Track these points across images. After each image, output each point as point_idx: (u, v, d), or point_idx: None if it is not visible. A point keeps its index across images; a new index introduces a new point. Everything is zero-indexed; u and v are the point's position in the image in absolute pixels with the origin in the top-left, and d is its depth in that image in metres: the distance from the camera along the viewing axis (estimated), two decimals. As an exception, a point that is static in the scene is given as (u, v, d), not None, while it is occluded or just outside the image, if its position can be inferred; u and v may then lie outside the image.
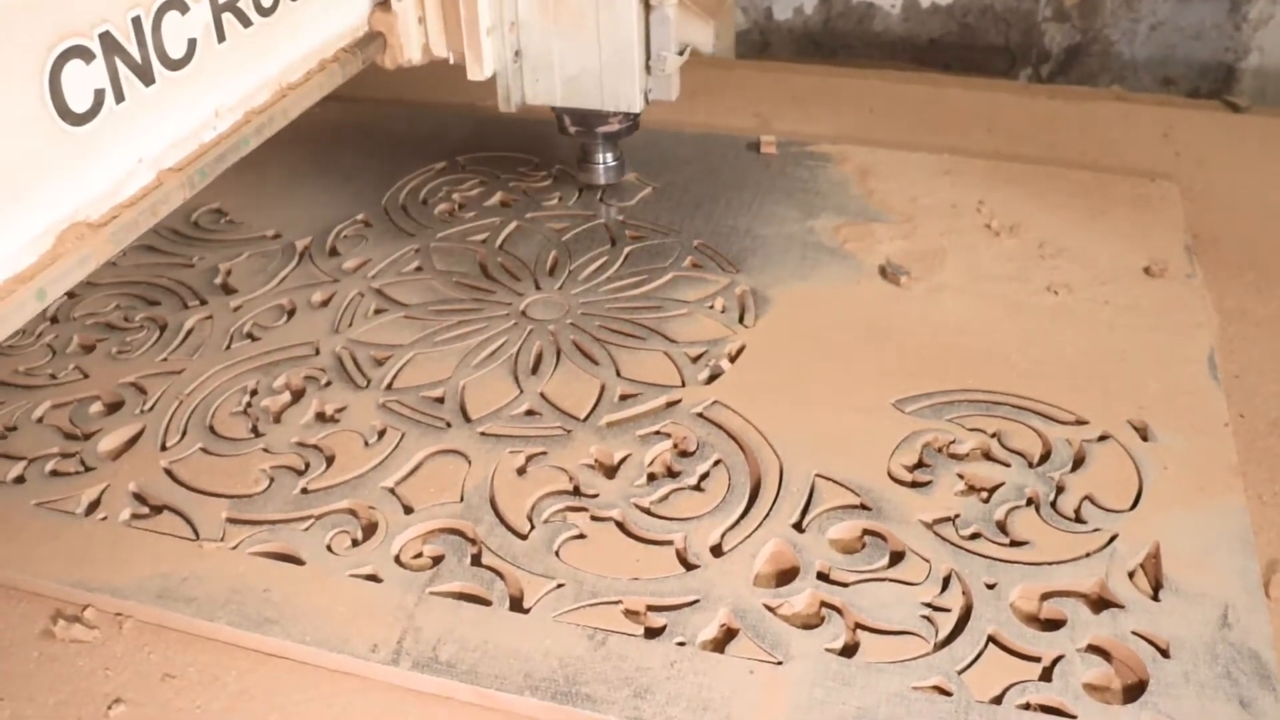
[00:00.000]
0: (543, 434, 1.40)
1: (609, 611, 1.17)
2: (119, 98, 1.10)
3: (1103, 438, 1.37)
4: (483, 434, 1.40)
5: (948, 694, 1.08)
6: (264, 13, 1.29)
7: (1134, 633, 1.13)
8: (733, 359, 1.52)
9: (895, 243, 1.76)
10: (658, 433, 1.39)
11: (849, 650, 1.13)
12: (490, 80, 1.62)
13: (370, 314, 1.63)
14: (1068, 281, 1.65)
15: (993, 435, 1.38)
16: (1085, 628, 1.14)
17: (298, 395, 1.48)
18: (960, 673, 1.10)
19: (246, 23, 1.27)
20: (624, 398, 1.45)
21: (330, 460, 1.37)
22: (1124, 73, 2.66)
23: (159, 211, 1.16)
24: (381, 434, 1.41)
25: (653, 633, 1.15)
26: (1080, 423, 1.40)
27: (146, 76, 1.13)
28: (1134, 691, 1.09)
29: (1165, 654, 1.12)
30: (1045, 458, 1.35)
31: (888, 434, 1.38)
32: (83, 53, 1.04)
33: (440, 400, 1.46)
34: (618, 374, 1.49)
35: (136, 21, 1.10)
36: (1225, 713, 1.06)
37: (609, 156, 1.85)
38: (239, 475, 1.36)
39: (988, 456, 1.35)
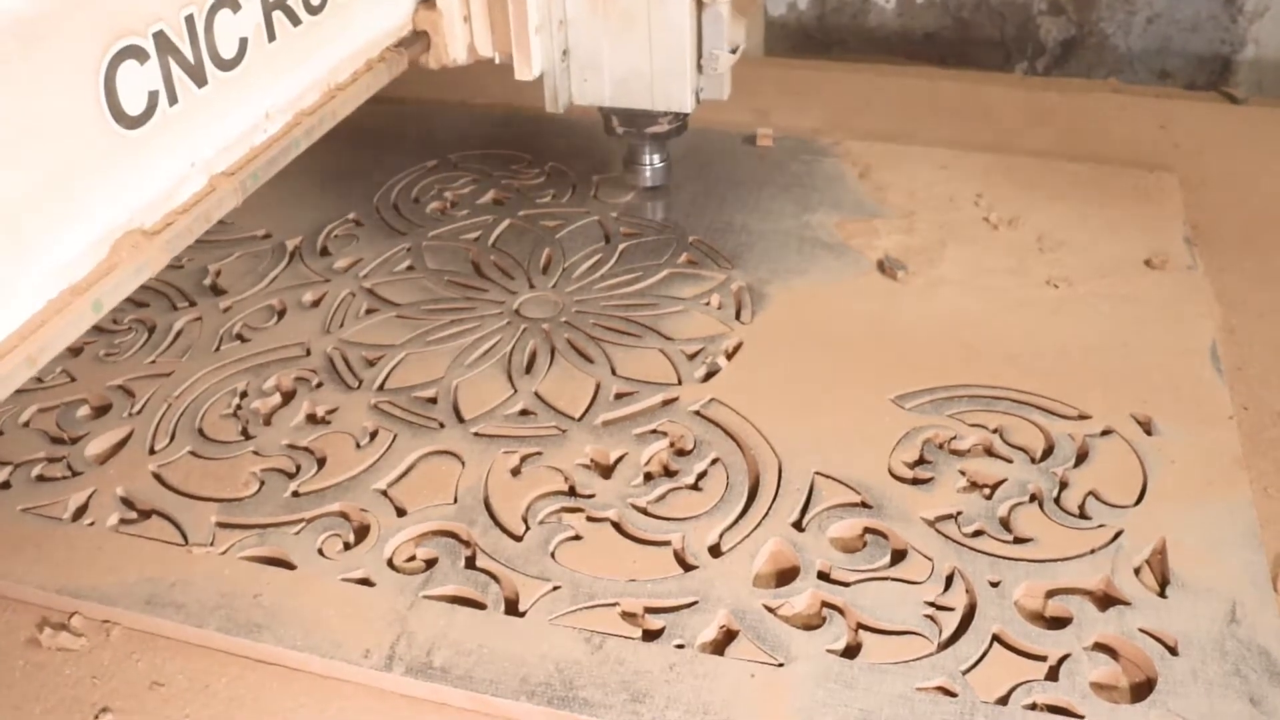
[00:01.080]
0: (537, 434, 1.38)
1: (606, 614, 1.15)
2: (172, 100, 1.07)
3: (1105, 432, 1.35)
4: (476, 434, 1.38)
5: (952, 695, 1.06)
6: (313, 11, 1.27)
7: (1141, 630, 1.12)
8: (730, 356, 1.50)
9: (893, 237, 1.74)
10: (654, 431, 1.37)
11: (851, 651, 1.11)
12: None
13: (362, 314, 1.61)
14: (1067, 274, 1.64)
15: (994, 431, 1.36)
16: (1091, 625, 1.12)
17: (288, 397, 1.46)
18: (965, 673, 1.08)
19: (296, 21, 1.25)
20: (619, 396, 1.43)
21: (321, 462, 1.35)
22: (1120, 66, 2.64)
23: (212, 217, 1.14)
24: (373, 435, 1.38)
25: (651, 635, 1.13)
26: (1083, 417, 1.38)
27: (199, 77, 1.11)
28: (1142, 690, 1.07)
29: (1173, 651, 1.10)
30: (1048, 453, 1.33)
31: (888, 430, 1.36)
32: (137, 53, 1.02)
33: (433, 400, 1.44)
34: (613, 372, 1.47)
35: (189, 20, 1.08)
36: (1235, 710, 1.04)
37: (656, 158, 1.83)
38: (229, 478, 1.34)
39: (989, 452, 1.33)
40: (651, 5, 1.54)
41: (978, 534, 1.23)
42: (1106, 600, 1.16)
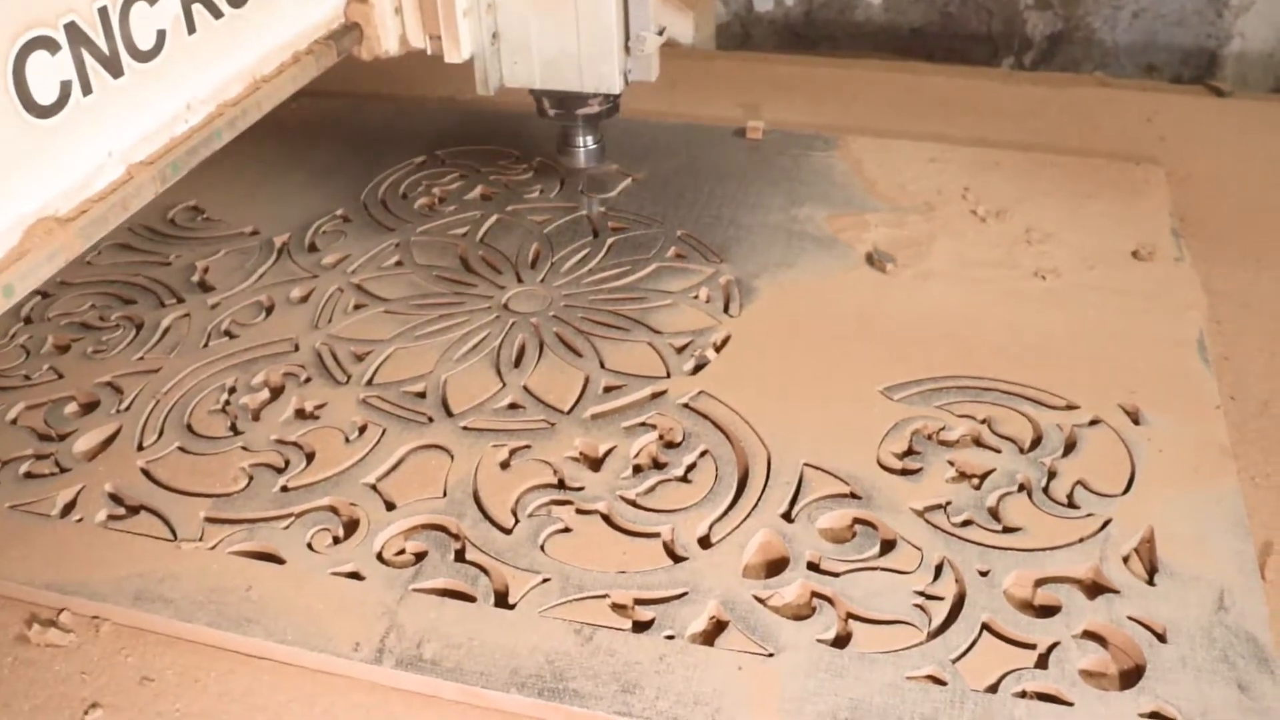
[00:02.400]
0: (526, 427, 1.38)
1: (596, 606, 1.15)
2: (86, 90, 1.07)
3: (1094, 422, 1.36)
4: (465, 428, 1.38)
5: (942, 683, 1.07)
6: (235, 4, 1.27)
7: (1130, 618, 1.12)
8: (718, 349, 1.50)
9: (881, 230, 1.74)
10: (643, 424, 1.37)
11: (841, 641, 1.12)
12: (470, 69, 1.59)
13: (350, 309, 1.60)
14: (1055, 266, 1.64)
15: (983, 421, 1.36)
16: (1080, 614, 1.13)
17: (277, 392, 1.46)
18: (954, 661, 1.08)
19: (217, 14, 1.24)
20: (608, 390, 1.43)
21: (310, 457, 1.35)
22: (1106, 60, 2.65)
23: (130, 205, 1.13)
24: (362, 430, 1.38)
25: (641, 626, 1.13)
26: (1071, 407, 1.38)
27: (115, 68, 1.10)
28: (1131, 677, 1.08)
29: (1162, 639, 1.10)
30: (1036, 443, 1.33)
31: (876, 422, 1.36)
32: (47, 43, 1.01)
33: (422, 395, 1.44)
34: (602, 366, 1.47)
35: (103, 12, 1.08)
36: (1223, 696, 1.04)
37: (589, 139, 1.79)
38: (218, 474, 1.33)
39: (978, 443, 1.34)
40: None
41: (967, 524, 1.23)
42: (1095, 589, 1.16)
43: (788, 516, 1.24)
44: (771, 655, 1.09)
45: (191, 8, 1.20)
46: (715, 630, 1.13)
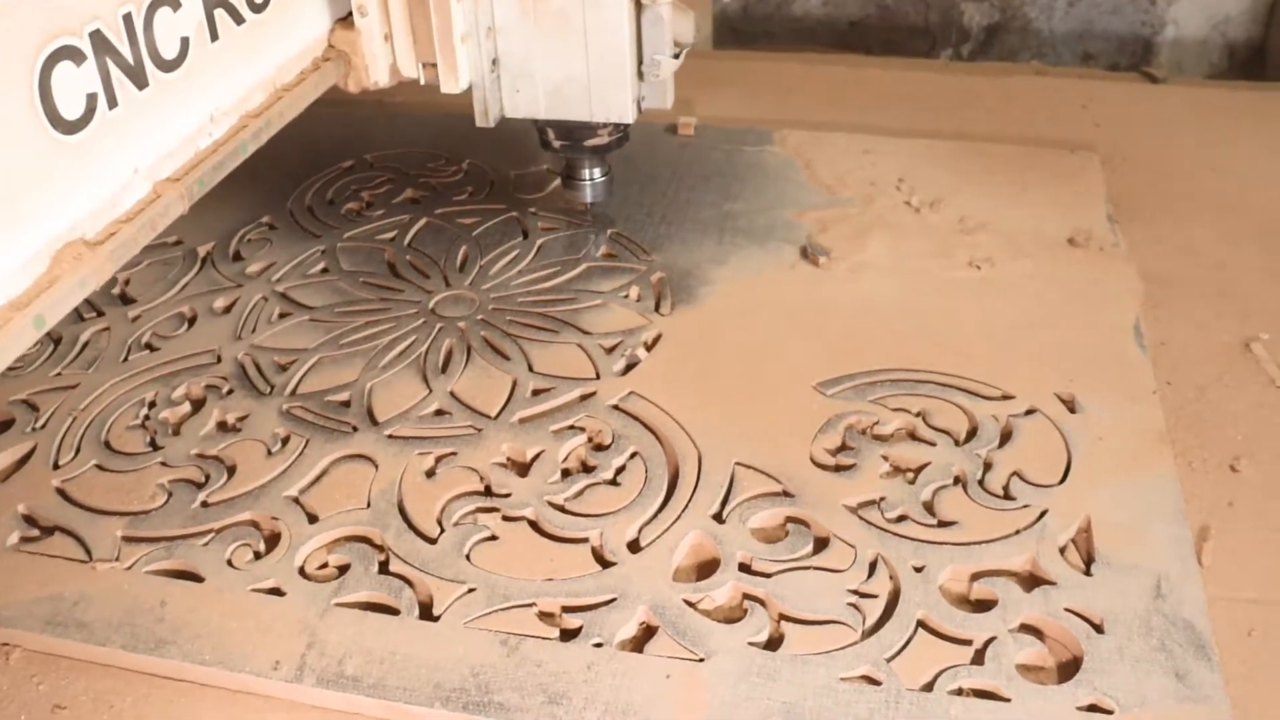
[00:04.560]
0: (453, 434, 1.34)
1: (522, 615, 1.12)
2: (112, 103, 1.03)
3: (1029, 411, 1.34)
4: (390, 436, 1.34)
5: (877, 683, 1.04)
6: (256, 9, 1.23)
7: (1067, 609, 1.10)
8: (649, 348, 1.47)
9: (815, 223, 1.72)
10: (572, 427, 1.34)
11: (773, 643, 1.09)
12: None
13: (274, 319, 1.56)
14: (990, 256, 1.62)
15: (917, 414, 1.34)
16: (1017, 607, 1.11)
17: (198, 405, 1.42)
18: (889, 660, 1.06)
19: (239, 19, 1.20)
20: (536, 393, 1.40)
21: (231, 471, 1.31)
22: (1044, 50, 2.66)
23: (158, 225, 1.09)
24: (285, 441, 1.35)
25: (568, 635, 1.10)
26: (1006, 397, 1.36)
27: (139, 79, 1.07)
28: (1069, 669, 1.06)
29: (1099, 629, 1.08)
30: (971, 435, 1.31)
31: (809, 418, 1.34)
32: (73, 53, 0.97)
33: (346, 404, 1.40)
34: (530, 369, 1.44)
35: (128, 19, 1.04)
36: (1160, 686, 1.03)
37: (596, 172, 1.69)
38: (135, 491, 1.29)
39: (913, 436, 1.32)
40: (587, 9, 1.42)
41: (901, 519, 1.21)
42: (1032, 581, 1.15)
43: (719, 517, 1.22)
44: (702, 660, 1.07)
45: (214, 13, 1.17)
46: (645, 636, 1.10)
